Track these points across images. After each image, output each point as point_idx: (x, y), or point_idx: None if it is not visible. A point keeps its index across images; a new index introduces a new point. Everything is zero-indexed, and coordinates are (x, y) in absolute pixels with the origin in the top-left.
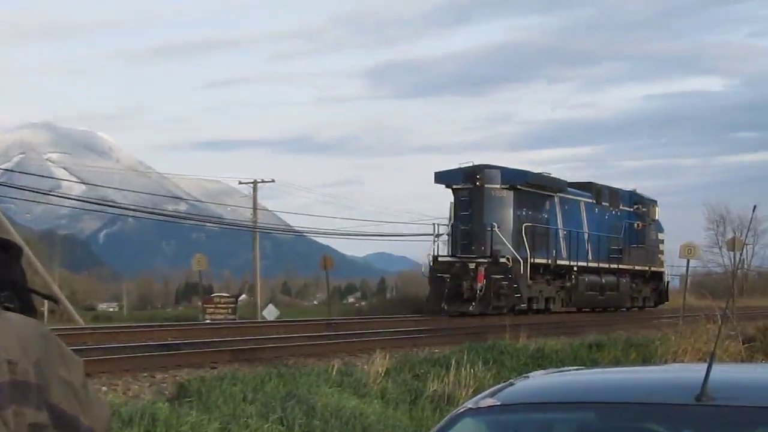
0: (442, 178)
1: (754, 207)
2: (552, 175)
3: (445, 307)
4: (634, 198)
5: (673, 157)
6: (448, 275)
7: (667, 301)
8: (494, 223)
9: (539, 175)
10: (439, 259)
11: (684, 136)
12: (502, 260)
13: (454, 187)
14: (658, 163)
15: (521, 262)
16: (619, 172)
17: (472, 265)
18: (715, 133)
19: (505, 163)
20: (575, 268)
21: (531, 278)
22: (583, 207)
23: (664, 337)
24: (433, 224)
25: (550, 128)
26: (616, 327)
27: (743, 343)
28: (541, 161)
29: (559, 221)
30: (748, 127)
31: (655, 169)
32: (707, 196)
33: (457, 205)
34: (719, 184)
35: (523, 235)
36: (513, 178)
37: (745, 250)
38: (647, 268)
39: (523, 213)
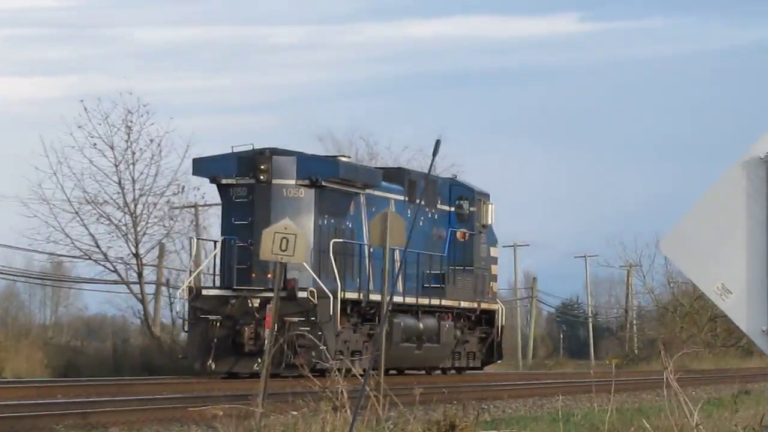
0: (204, 167)
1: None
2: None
3: (213, 366)
4: (455, 191)
5: None
6: (217, 317)
7: (501, 359)
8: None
9: (351, 165)
10: (204, 292)
11: None
12: (302, 295)
13: (224, 182)
14: None
15: (329, 297)
16: None
17: (255, 302)
18: None
19: None
20: (389, 308)
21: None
22: (393, 209)
23: None
24: (190, 239)
25: None
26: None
27: None
28: None
29: (364, 233)
30: None
31: None
32: None
33: (230, 210)
34: None
35: (331, 256)
36: (316, 170)
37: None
38: (476, 305)
39: (326, 222)
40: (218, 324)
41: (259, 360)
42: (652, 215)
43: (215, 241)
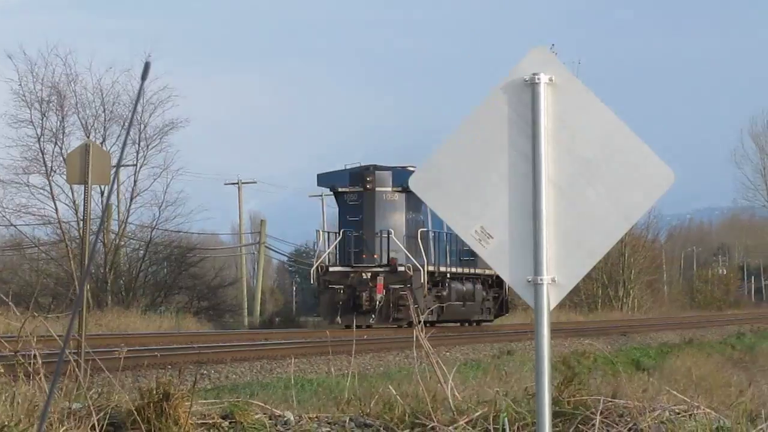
0: (325, 180)
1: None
2: None
3: (339, 320)
4: None
5: None
6: (341, 286)
7: (507, 312)
8: (390, 229)
9: None
10: (331, 269)
11: None
12: (401, 269)
13: (340, 189)
14: None
15: (420, 270)
16: None
17: (368, 275)
18: None
19: None
20: (448, 275)
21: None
22: None
23: None
24: (317, 231)
25: None
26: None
27: None
28: None
29: (429, 222)
30: None
31: None
32: None
33: (344, 211)
34: None
35: (419, 240)
36: (405, 180)
37: None
38: (493, 272)
39: (412, 217)
40: (342, 291)
41: (373, 316)
42: (406, 146)
43: (335, 233)
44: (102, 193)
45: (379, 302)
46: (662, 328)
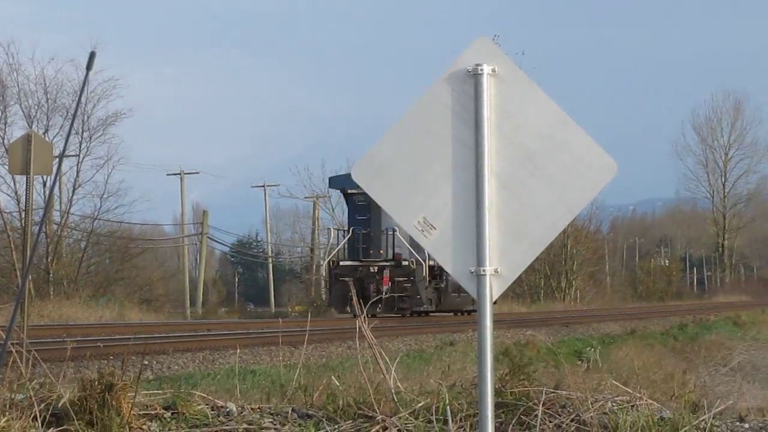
0: (336, 183)
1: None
2: None
3: (349, 310)
4: None
5: None
6: (350, 279)
7: (495, 303)
8: (395, 227)
9: None
10: (341, 263)
11: None
12: (405, 263)
13: (349, 191)
14: None
15: (422, 264)
16: None
17: (374, 269)
18: None
19: None
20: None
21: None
22: None
23: None
24: (328, 229)
25: None
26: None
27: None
28: None
29: None
30: None
31: None
32: None
33: (353, 210)
34: None
35: None
36: None
37: None
38: None
39: None
40: (351, 283)
41: (380, 305)
42: (346, 138)
43: (344, 230)
44: (44, 184)
45: (385, 293)
46: (605, 319)
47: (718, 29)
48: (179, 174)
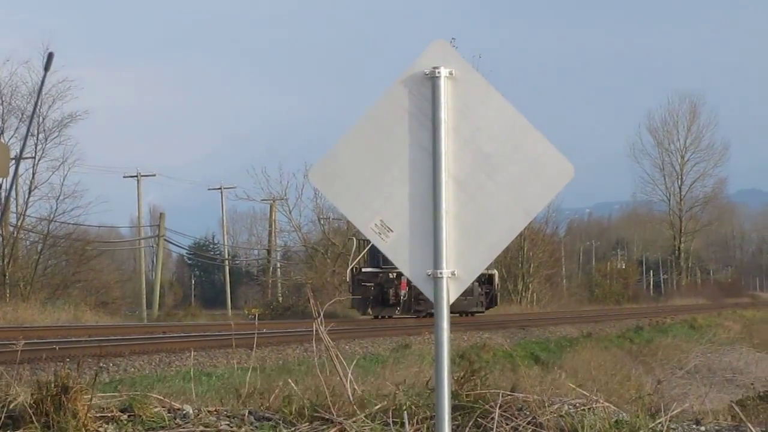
0: None
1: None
2: None
3: (370, 311)
4: None
5: None
6: (371, 284)
7: (497, 305)
8: None
9: None
10: (363, 270)
11: None
12: None
13: None
14: None
15: None
16: None
17: (393, 274)
18: None
19: None
20: None
21: None
22: None
23: None
24: (352, 237)
25: None
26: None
27: None
28: None
29: None
30: None
31: None
32: None
33: None
34: None
35: None
36: None
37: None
38: (486, 271)
39: None
40: (372, 287)
41: (398, 308)
42: (303, 141)
43: (366, 240)
44: (0, 186)
45: (403, 297)
46: (561, 321)
47: (674, 31)
48: (136, 176)
